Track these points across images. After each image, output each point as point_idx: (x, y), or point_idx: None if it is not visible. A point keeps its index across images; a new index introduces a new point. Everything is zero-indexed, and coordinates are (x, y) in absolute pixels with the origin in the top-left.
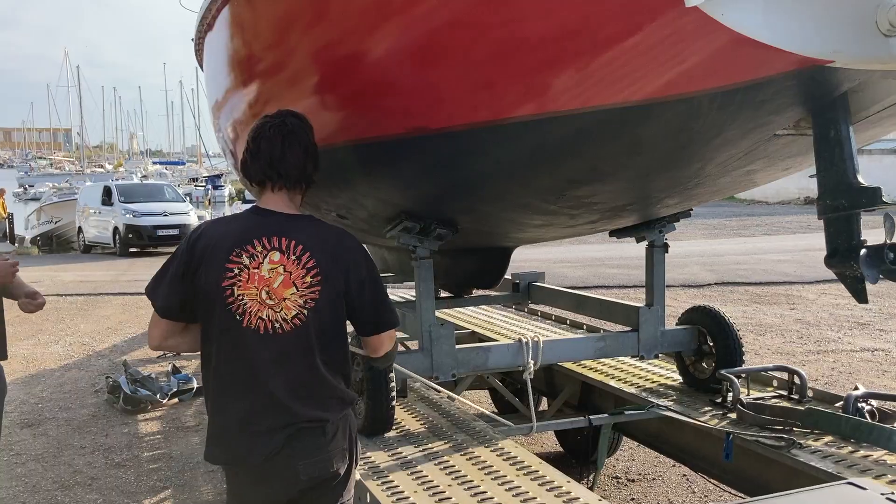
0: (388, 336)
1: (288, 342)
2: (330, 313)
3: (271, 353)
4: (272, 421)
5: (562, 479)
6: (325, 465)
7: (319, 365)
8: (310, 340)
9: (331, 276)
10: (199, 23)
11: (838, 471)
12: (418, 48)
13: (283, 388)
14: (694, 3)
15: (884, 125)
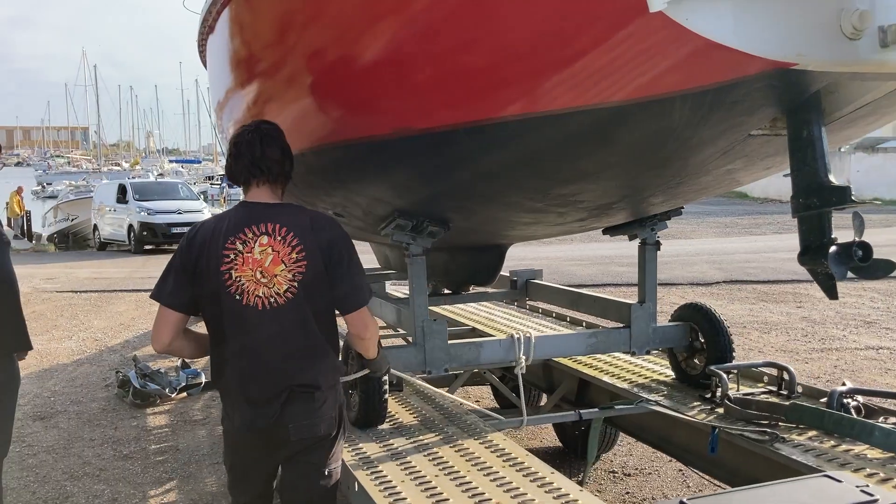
0: (367, 314)
1: (283, 315)
2: (317, 285)
3: (270, 326)
4: (272, 390)
5: (546, 470)
6: (314, 429)
7: (313, 335)
8: (302, 311)
9: (313, 252)
10: (201, 24)
11: (818, 464)
12: (401, 51)
13: (280, 359)
14: (658, 7)
15: (858, 125)
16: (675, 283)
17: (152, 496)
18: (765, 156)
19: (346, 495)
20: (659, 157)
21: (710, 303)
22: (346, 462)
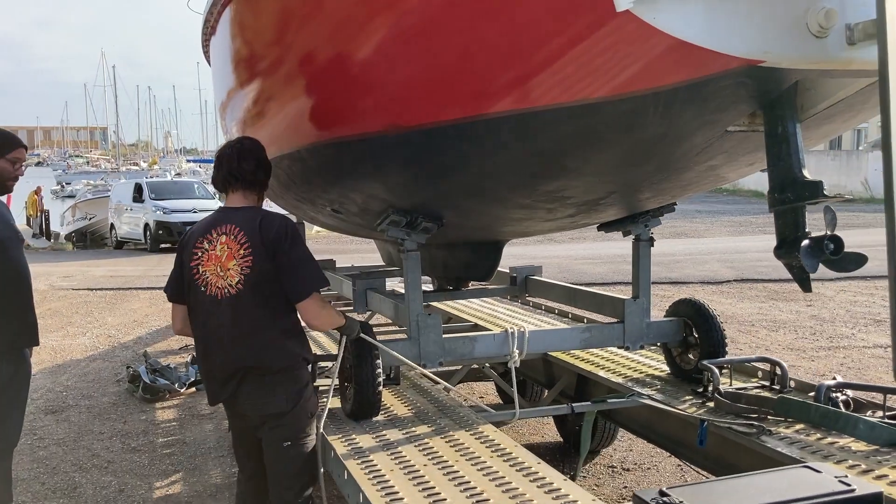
0: (315, 303)
1: (236, 304)
2: (264, 277)
3: (225, 314)
4: (228, 371)
5: (532, 460)
6: (265, 406)
7: (264, 322)
8: (252, 301)
9: (258, 248)
10: (204, 26)
11: (803, 456)
12: (388, 51)
13: (233, 343)
14: (624, 7)
15: (836, 122)
16: (686, 282)
17: (158, 487)
18: (745, 152)
19: (338, 484)
20: (637, 154)
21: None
22: (339, 452)
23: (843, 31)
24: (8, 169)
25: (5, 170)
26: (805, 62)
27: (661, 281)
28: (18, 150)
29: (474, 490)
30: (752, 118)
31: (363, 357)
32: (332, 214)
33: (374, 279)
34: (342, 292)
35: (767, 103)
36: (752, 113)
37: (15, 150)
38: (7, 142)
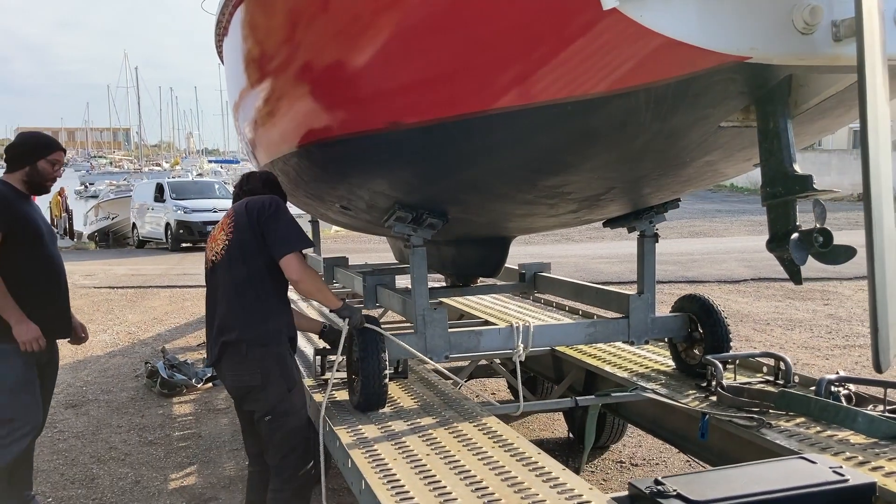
0: (293, 259)
1: (221, 273)
2: (245, 249)
3: (212, 282)
4: (214, 336)
5: (533, 451)
6: (242, 378)
7: (244, 293)
8: (229, 263)
9: (241, 222)
10: (216, 27)
11: (801, 448)
12: (390, 49)
13: (220, 311)
14: (611, 5)
15: (829, 117)
16: (703, 281)
17: (173, 479)
18: (741, 147)
19: (342, 473)
20: (633, 150)
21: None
22: (344, 442)
23: (830, 27)
24: (47, 170)
25: (45, 171)
26: (792, 58)
27: (678, 280)
28: (57, 152)
29: (474, 478)
30: (745, 114)
31: (369, 349)
32: (341, 211)
33: (384, 276)
34: (354, 288)
35: (759, 99)
36: (745, 109)
37: (54, 153)
38: (47, 144)
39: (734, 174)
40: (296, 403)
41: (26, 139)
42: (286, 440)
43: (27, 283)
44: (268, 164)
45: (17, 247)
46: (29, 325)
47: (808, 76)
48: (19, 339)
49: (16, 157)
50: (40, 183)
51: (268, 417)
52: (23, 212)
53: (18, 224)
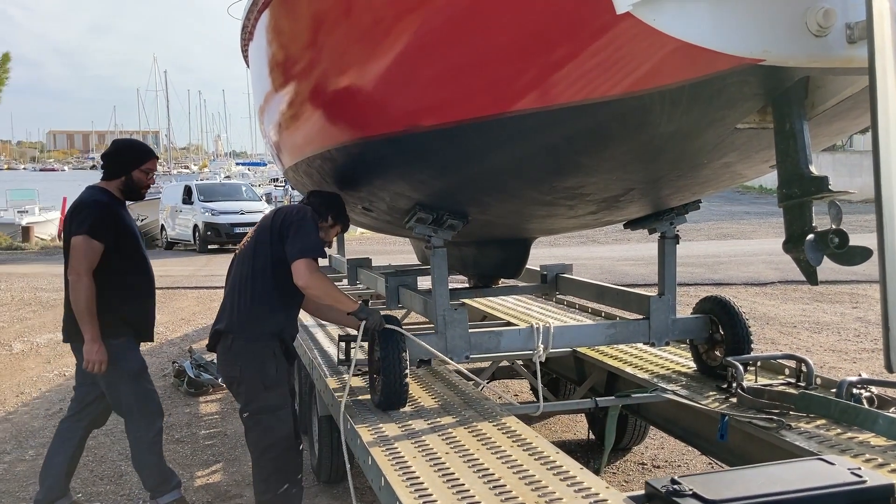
0: (301, 264)
1: (235, 264)
2: (260, 247)
3: (231, 273)
4: (214, 324)
5: (551, 450)
6: (225, 368)
7: (250, 286)
8: (242, 265)
9: (265, 223)
10: (242, 31)
11: (820, 450)
12: (409, 54)
13: (224, 302)
14: (624, 9)
15: (847, 119)
16: (729, 283)
17: (199, 476)
18: (758, 149)
19: (363, 470)
20: (649, 151)
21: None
22: (365, 440)
23: (844, 29)
24: (142, 179)
25: (140, 180)
26: (805, 60)
27: (704, 282)
28: (151, 161)
29: (492, 476)
30: (761, 115)
31: (390, 349)
32: (363, 212)
33: (406, 276)
34: (377, 289)
35: (775, 101)
36: (761, 110)
37: (148, 162)
38: (142, 154)
39: (753, 175)
40: (273, 403)
41: (121, 149)
42: (260, 439)
43: (126, 288)
44: (292, 166)
45: (118, 254)
46: (101, 347)
47: (825, 78)
48: (86, 357)
49: (112, 167)
50: (136, 190)
51: (245, 414)
52: (123, 220)
53: (120, 235)
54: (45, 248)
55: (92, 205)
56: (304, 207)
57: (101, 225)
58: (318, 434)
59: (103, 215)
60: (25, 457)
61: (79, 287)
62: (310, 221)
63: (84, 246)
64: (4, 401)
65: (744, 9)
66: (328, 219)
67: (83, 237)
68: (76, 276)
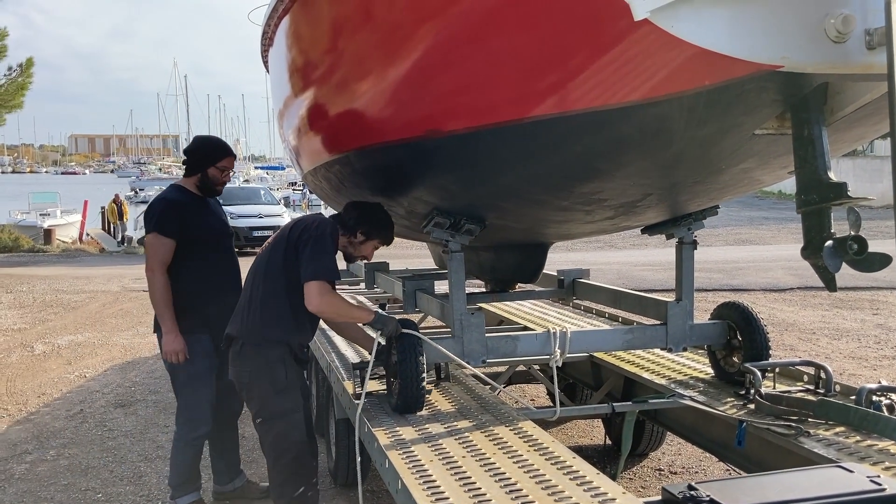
0: (313, 286)
1: (254, 265)
2: (273, 249)
3: (250, 272)
4: (228, 325)
5: (568, 455)
6: (236, 373)
7: (255, 293)
8: (258, 268)
9: (285, 230)
10: (262, 37)
11: (839, 457)
12: (428, 60)
13: (239, 301)
14: (642, 15)
15: (866, 125)
16: (748, 289)
17: None
18: (776, 154)
19: (380, 473)
20: (666, 157)
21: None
22: (382, 443)
23: (863, 35)
24: (217, 176)
25: (214, 177)
26: (824, 67)
27: (722, 288)
28: (227, 158)
29: (509, 480)
30: (779, 121)
31: (407, 352)
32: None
33: (423, 280)
34: (394, 293)
35: (793, 107)
36: (779, 116)
37: (224, 159)
38: (215, 151)
39: (772, 181)
40: (285, 407)
41: (198, 146)
42: (274, 444)
43: (199, 282)
44: (311, 170)
45: (190, 251)
46: (178, 338)
47: (844, 84)
48: (164, 348)
49: (190, 164)
50: (211, 188)
51: (258, 420)
52: (194, 217)
53: (188, 230)
54: (66, 250)
55: (159, 202)
56: (325, 222)
57: (167, 221)
58: (335, 437)
59: (168, 211)
60: (47, 457)
61: (153, 282)
62: (327, 239)
63: (154, 242)
64: (26, 401)
65: (762, 15)
66: (357, 234)
67: (153, 234)
68: (150, 272)
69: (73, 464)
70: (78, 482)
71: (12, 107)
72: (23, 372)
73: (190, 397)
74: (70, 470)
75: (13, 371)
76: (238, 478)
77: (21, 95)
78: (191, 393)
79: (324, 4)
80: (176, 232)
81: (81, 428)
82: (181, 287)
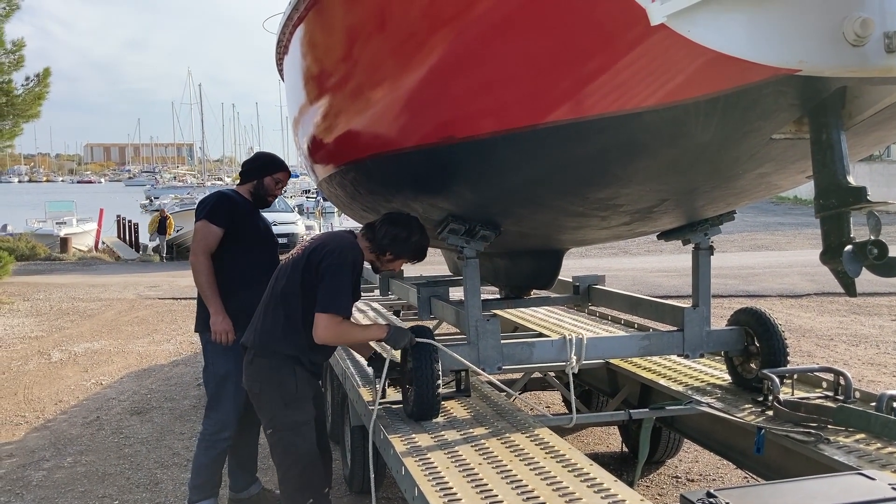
0: (323, 318)
1: (276, 276)
2: (294, 266)
3: (271, 281)
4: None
5: (585, 462)
6: (248, 383)
7: (273, 307)
8: (279, 280)
9: (308, 248)
10: (277, 45)
11: (860, 464)
12: (442, 67)
13: (256, 312)
14: (659, 21)
15: (885, 128)
16: (765, 295)
17: None
18: (794, 159)
19: (396, 480)
20: (683, 162)
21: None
22: (398, 450)
23: (882, 39)
24: (270, 186)
25: (269, 186)
26: (842, 70)
27: (739, 294)
28: (282, 172)
29: (525, 487)
30: (797, 126)
31: (422, 360)
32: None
33: (438, 287)
34: (409, 300)
35: (811, 111)
36: (797, 120)
37: (279, 172)
38: (273, 164)
39: (789, 186)
40: (294, 419)
41: (258, 157)
42: (284, 456)
43: (238, 277)
44: (326, 178)
45: (236, 244)
46: (225, 318)
47: (863, 88)
48: (213, 328)
49: (247, 172)
50: (263, 196)
51: (269, 431)
52: (244, 216)
53: (238, 224)
54: (82, 258)
55: (213, 196)
56: (347, 249)
57: (219, 210)
58: (350, 444)
59: (222, 203)
60: (64, 464)
61: (197, 266)
62: (346, 269)
63: (202, 229)
64: (43, 409)
65: (779, 19)
66: (387, 254)
67: (202, 221)
68: (194, 257)
69: (89, 471)
70: (95, 489)
71: (29, 116)
72: (40, 379)
73: (220, 396)
74: (87, 477)
75: (31, 379)
76: (254, 485)
77: (38, 105)
78: (222, 394)
79: (338, 12)
80: (225, 223)
81: (98, 435)
82: (224, 284)
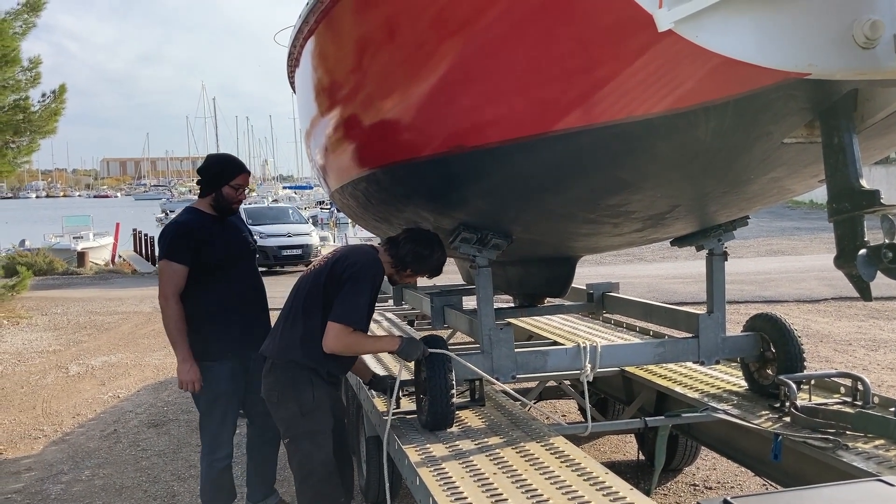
0: (334, 328)
1: (298, 285)
2: (316, 276)
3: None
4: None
5: (601, 470)
6: (266, 391)
7: (294, 318)
8: (299, 291)
9: (331, 260)
10: (288, 58)
11: (879, 471)
12: (451, 77)
13: (277, 321)
14: (667, 27)
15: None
16: (781, 301)
17: None
18: (806, 163)
19: (411, 491)
20: (694, 168)
21: (815, 320)
22: (412, 460)
23: (892, 41)
24: (231, 195)
25: (229, 196)
26: (852, 73)
27: (754, 300)
28: (241, 176)
29: (541, 497)
30: (809, 129)
31: (436, 369)
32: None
33: (451, 296)
34: (422, 309)
35: (822, 114)
36: (809, 124)
37: (237, 177)
38: (230, 169)
39: (802, 190)
40: (311, 428)
41: (210, 164)
42: (302, 465)
43: (220, 305)
44: (338, 189)
45: (208, 274)
46: (192, 367)
47: (874, 90)
48: (179, 376)
49: (204, 184)
50: (226, 207)
51: (286, 440)
52: (210, 239)
53: (203, 255)
54: (99, 272)
55: (170, 228)
56: (369, 263)
57: (177, 247)
58: (365, 454)
59: (180, 237)
60: (81, 477)
61: (165, 310)
62: (367, 283)
63: (166, 269)
64: (61, 422)
65: (788, 23)
66: (407, 270)
67: (164, 261)
68: (163, 300)
69: (107, 483)
70: (112, 502)
71: (46, 132)
72: (58, 393)
73: (210, 421)
74: (105, 490)
75: (49, 392)
76: (271, 496)
77: (54, 121)
78: (211, 417)
79: (348, 24)
80: (188, 259)
81: (115, 448)
82: (202, 311)
